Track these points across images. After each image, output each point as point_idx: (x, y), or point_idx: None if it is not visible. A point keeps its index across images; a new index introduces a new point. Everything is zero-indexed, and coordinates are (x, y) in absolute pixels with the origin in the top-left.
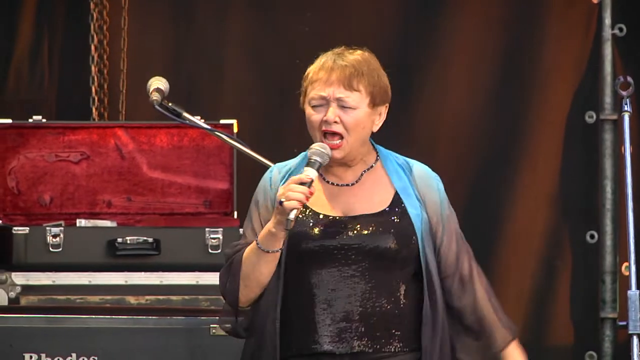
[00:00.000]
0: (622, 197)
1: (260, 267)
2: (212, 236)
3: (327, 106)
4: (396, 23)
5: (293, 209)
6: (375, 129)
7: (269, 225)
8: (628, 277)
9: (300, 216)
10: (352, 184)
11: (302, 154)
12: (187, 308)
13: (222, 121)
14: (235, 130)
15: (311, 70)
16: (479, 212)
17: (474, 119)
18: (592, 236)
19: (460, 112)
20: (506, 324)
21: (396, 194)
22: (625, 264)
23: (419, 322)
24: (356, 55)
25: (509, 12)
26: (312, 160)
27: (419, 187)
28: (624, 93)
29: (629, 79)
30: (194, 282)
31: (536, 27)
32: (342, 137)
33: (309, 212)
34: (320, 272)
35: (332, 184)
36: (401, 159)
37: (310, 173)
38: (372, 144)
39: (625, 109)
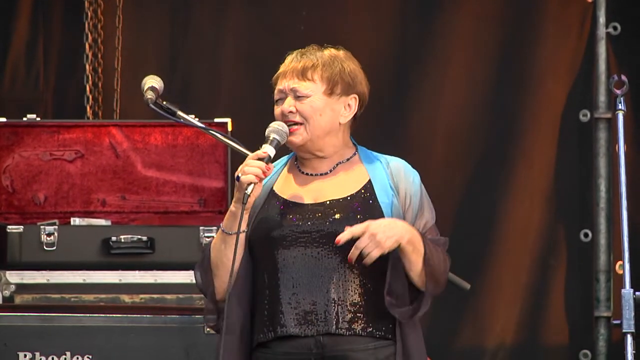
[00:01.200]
0: (616, 195)
1: (226, 252)
2: (206, 235)
3: (285, 99)
4: (392, 23)
5: (250, 183)
6: (343, 120)
7: (230, 206)
8: (622, 276)
9: (271, 205)
10: (326, 174)
11: (286, 156)
12: (181, 307)
13: (217, 120)
14: (230, 128)
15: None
16: (474, 211)
17: (469, 118)
18: (586, 235)
19: (455, 110)
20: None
21: (369, 182)
22: (619, 262)
23: (383, 306)
24: (322, 52)
25: (504, 11)
26: (271, 138)
27: (394, 177)
28: (618, 92)
29: (623, 77)
30: (188, 281)
31: (531, 26)
32: (300, 124)
33: (279, 200)
34: (287, 256)
35: (307, 174)
36: (381, 155)
37: (266, 149)
38: (353, 142)
39: (620, 107)
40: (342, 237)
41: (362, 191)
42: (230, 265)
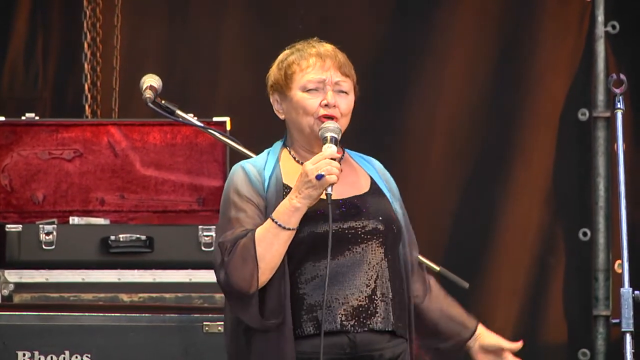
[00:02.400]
0: (615, 194)
1: (278, 247)
2: (205, 234)
3: (323, 91)
4: (391, 19)
5: (332, 183)
6: None
7: (291, 202)
8: (621, 275)
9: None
10: None
11: (267, 150)
12: (180, 305)
13: (215, 119)
14: (229, 127)
15: (294, 58)
16: (473, 210)
17: (467, 116)
18: (585, 234)
19: (454, 109)
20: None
21: (372, 179)
22: (618, 261)
23: (404, 304)
24: (332, 47)
25: (504, 9)
26: (329, 137)
27: (385, 179)
28: (617, 90)
29: (622, 76)
30: (187, 280)
31: (530, 24)
32: (337, 120)
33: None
34: (324, 255)
35: None
36: (359, 154)
37: (334, 149)
38: None
39: (618, 106)
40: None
41: (373, 187)
42: (277, 260)
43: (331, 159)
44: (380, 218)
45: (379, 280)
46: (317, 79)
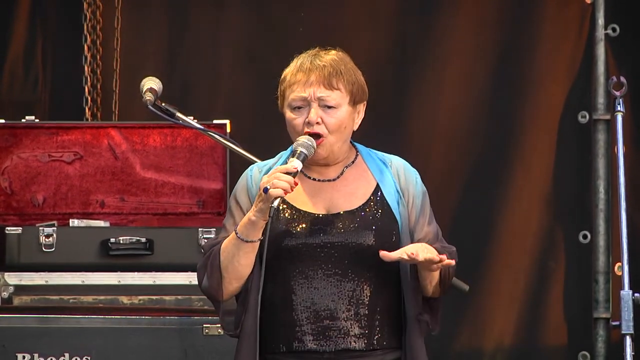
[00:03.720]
0: (615, 197)
1: (239, 258)
2: (205, 236)
3: (308, 108)
4: (391, 24)
5: (277, 197)
6: (356, 127)
7: (249, 214)
8: (621, 277)
9: (283, 214)
10: (334, 180)
11: (281, 153)
12: (180, 308)
13: (215, 121)
14: (229, 130)
15: (288, 73)
16: (472, 212)
17: (467, 119)
18: (585, 236)
19: (454, 112)
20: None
21: (377, 187)
22: (618, 264)
23: (398, 318)
24: (332, 55)
25: (503, 12)
26: (298, 152)
27: (400, 182)
28: (617, 93)
29: (622, 79)
30: (187, 282)
31: (530, 27)
32: (324, 137)
33: (291, 209)
34: (303, 269)
35: (314, 179)
36: (380, 154)
37: (295, 164)
38: (352, 142)
39: (618, 109)
40: (396, 255)
41: (373, 198)
42: (241, 271)
43: (287, 173)
44: (352, 238)
45: (354, 299)
46: (300, 97)
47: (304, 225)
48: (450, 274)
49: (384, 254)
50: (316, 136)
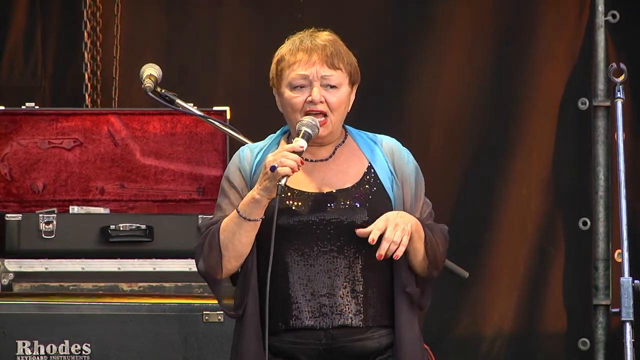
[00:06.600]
0: (615, 184)
1: (240, 237)
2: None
3: (310, 87)
4: (390, 9)
5: (285, 175)
6: (349, 109)
7: (253, 193)
8: (621, 264)
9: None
10: (327, 159)
11: (271, 135)
12: (180, 295)
13: (216, 108)
14: (228, 116)
15: (284, 52)
16: (472, 199)
17: (467, 106)
18: (584, 223)
19: (454, 98)
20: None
21: (370, 166)
22: (618, 250)
23: (391, 296)
24: (328, 36)
25: None
26: (303, 131)
27: (393, 161)
28: (617, 80)
29: (622, 65)
30: (187, 269)
31: (530, 14)
32: (325, 116)
33: (286, 188)
34: (299, 247)
35: (307, 160)
36: (369, 134)
37: (301, 143)
38: None
39: (618, 95)
40: (374, 236)
41: (366, 178)
42: (241, 249)
43: (294, 152)
44: (347, 215)
45: (345, 277)
46: (302, 75)
47: (299, 204)
48: (438, 252)
49: (359, 230)
50: (316, 115)
